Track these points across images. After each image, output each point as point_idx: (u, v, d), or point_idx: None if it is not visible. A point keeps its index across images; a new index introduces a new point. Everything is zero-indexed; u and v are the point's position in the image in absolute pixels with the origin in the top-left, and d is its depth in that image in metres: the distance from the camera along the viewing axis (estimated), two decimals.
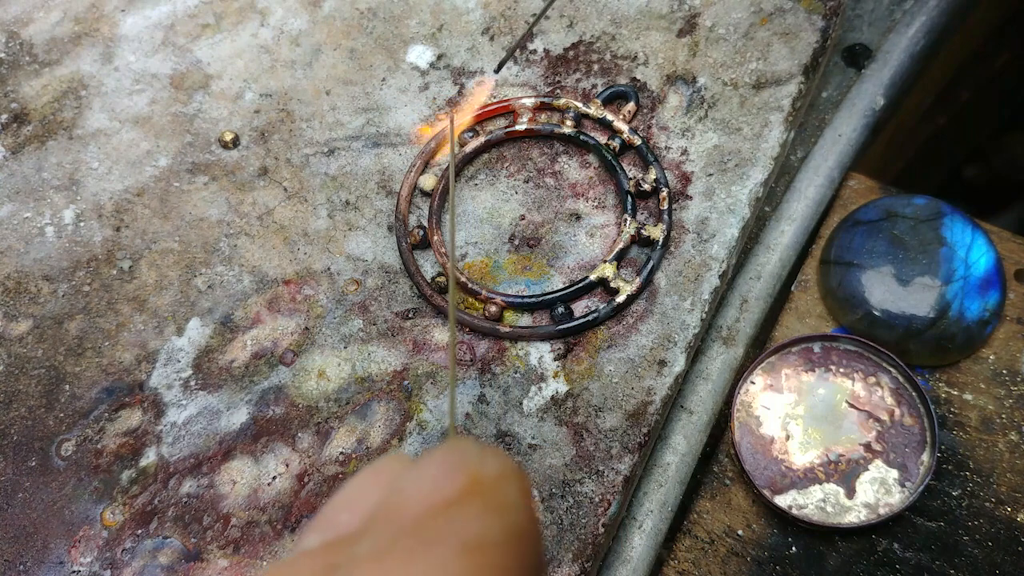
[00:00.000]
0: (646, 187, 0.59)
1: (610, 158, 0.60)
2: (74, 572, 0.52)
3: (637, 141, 0.60)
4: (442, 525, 0.20)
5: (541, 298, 0.56)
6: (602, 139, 0.61)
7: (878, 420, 0.55)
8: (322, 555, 0.22)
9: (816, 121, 0.69)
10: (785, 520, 0.54)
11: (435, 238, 0.59)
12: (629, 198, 0.58)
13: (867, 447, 0.54)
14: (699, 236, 0.58)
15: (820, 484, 0.54)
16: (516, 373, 0.55)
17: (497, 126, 0.63)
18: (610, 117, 0.61)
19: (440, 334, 0.57)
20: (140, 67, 0.68)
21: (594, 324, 0.56)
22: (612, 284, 0.56)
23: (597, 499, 0.51)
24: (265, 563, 0.51)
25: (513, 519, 0.21)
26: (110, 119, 0.66)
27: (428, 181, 0.61)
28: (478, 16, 0.67)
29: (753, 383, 0.57)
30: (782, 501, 0.54)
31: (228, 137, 0.64)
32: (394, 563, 0.19)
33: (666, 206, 0.58)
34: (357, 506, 0.24)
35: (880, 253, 0.58)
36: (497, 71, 0.61)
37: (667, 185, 0.58)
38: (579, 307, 0.57)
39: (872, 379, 0.56)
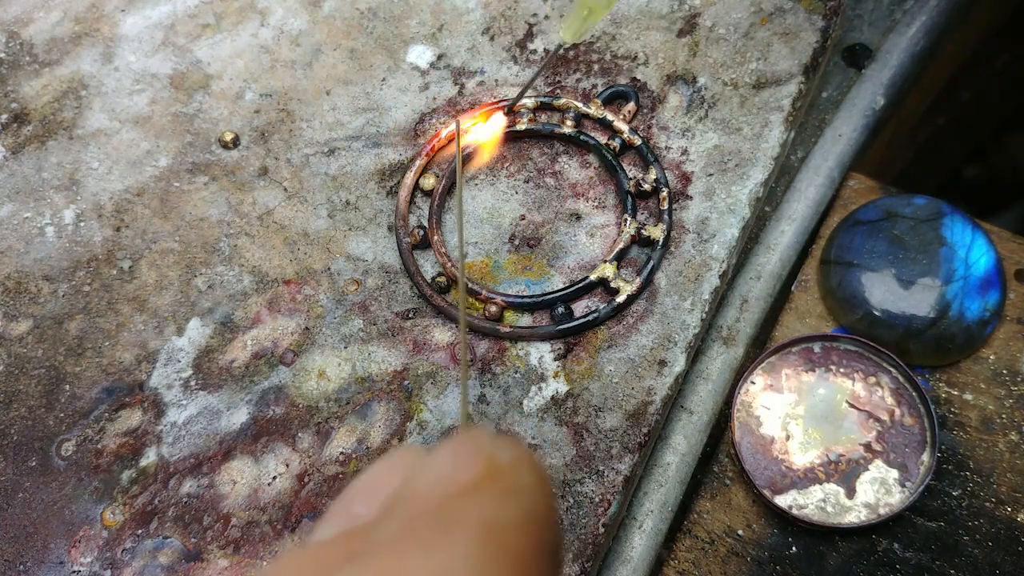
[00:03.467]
0: (646, 187, 0.59)
1: (610, 158, 0.60)
2: (74, 572, 0.52)
3: (637, 141, 0.60)
4: (461, 509, 0.20)
5: (541, 298, 0.56)
6: (602, 139, 0.61)
7: (878, 420, 0.55)
8: (339, 544, 0.21)
9: (816, 121, 0.69)
10: (785, 520, 0.55)
11: (435, 238, 0.59)
12: (629, 198, 0.58)
13: (867, 447, 0.54)
14: (699, 236, 0.58)
15: (820, 484, 0.54)
16: (516, 373, 0.55)
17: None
18: (610, 117, 0.61)
19: (440, 334, 0.57)
20: (140, 67, 0.68)
21: (594, 324, 0.56)
22: (612, 284, 0.56)
23: (597, 499, 0.51)
24: (265, 563, 0.51)
25: (530, 502, 0.21)
26: (110, 119, 0.66)
27: (428, 181, 0.61)
28: (478, 16, 0.67)
29: (753, 383, 0.57)
30: (782, 501, 0.54)
31: (228, 137, 0.64)
32: (414, 546, 0.19)
33: (666, 206, 0.58)
34: (373, 496, 0.23)
35: (880, 253, 0.58)
36: (508, 111, 0.61)
37: (667, 185, 0.58)
38: (579, 307, 0.57)
39: (872, 379, 0.56)
